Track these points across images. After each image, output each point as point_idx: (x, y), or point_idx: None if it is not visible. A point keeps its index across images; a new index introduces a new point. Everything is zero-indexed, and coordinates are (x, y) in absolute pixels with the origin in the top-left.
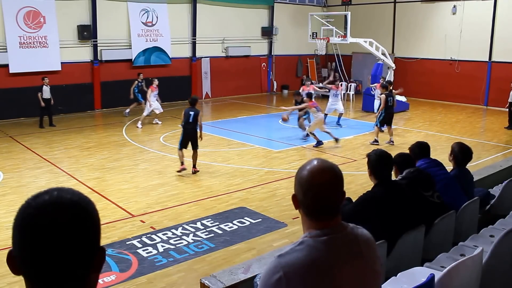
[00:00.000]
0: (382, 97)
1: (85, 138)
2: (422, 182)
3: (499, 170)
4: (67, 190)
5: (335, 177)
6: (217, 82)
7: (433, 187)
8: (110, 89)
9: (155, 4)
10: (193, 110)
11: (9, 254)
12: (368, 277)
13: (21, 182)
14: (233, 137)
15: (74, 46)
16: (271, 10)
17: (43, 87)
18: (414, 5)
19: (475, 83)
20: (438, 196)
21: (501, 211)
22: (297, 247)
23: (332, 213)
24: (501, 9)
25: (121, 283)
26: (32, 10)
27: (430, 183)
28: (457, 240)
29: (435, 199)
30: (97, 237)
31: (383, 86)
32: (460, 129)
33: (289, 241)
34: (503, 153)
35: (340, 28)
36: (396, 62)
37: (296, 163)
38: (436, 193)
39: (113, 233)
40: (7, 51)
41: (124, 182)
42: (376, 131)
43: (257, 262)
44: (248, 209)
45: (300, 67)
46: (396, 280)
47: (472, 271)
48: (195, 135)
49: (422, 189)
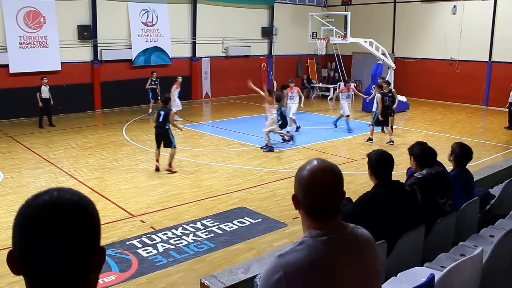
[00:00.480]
0: (378, 96)
1: (85, 138)
2: (440, 188)
3: (499, 170)
4: (67, 190)
5: (335, 177)
6: (217, 82)
7: (449, 195)
8: (110, 89)
9: (155, 4)
10: (164, 109)
11: (9, 254)
12: (368, 277)
13: (21, 182)
14: (233, 137)
15: (74, 46)
16: (271, 10)
17: (42, 87)
18: (414, 5)
19: (475, 83)
20: (450, 205)
21: (501, 211)
22: (297, 247)
23: (332, 213)
24: (501, 9)
25: (121, 283)
26: (32, 10)
27: (447, 190)
28: (457, 240)
29: (446, 208)
30: (97, 237)
31: (378, 85)
32: (460, 129)
33: (289, 241)
34: (503, 153)
35: (340, 28)
36: (396, 62)
37: (296, 163)
38: (449, 201)
39: (113, 233)
40: (7, 51)
41: (124, 182)
42: (371, 130)
43: (257, 262)
44: (248, 209)
45: (300, 67)
46: (396, 280)
47: (472, 271)
48: (165, 134)
49: (437, 195)
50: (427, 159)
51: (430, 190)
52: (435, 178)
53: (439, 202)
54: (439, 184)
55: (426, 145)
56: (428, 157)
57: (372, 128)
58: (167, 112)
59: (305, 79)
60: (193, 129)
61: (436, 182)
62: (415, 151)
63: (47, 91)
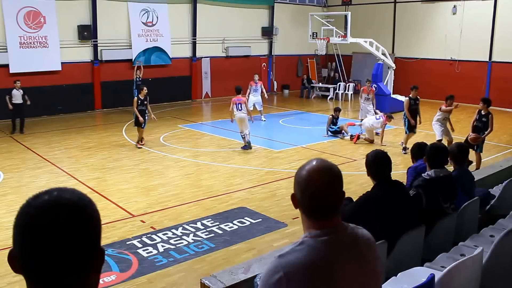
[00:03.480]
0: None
1: (85, 138)
2: (446, 192)
3: (499, 170)
4: (67, 190)
5: (333, 177)
6: (217, 82)
7: (453, 199)
8: (110, 89)
9: (155, 4)
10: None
11: (10, 254)
12: (368, 278)
13: (21, 182)
14: (233, 137)
15: (74, 46)
16: (271, 10)
17: (13, 91)
18: (414, 5)
19: (475, 83)
20: (453, 208)
21: (501, 211)
22: (297, 247)
23: (331, 213)
24: (501, 9)
25: (121, 283)
26: (32, 10)
27: (453, 195)
28: (457, 240)
29: (449, 211)
30: (97, 237)
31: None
32: (460, 129)
33: (289, 241)
34: (503, 153)
35: (340, 28)
36: (396, 62)
37: (297, 163)
38: (453, 205)
39: (113, 233)
40: (7, 51)
41: (124, 182)
42: (406, 138)
43: (257, 262)
44: (248, 209)
45: (300, 67)
46: (396, 280)
47: (472, 271)
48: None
49: (442, 199)
50: (436, 158)
51: (436, 193)
52: (442, 181)
53: (443, 206)
54: (446, 188)
55: (440, 144)
56: (437, 157)
57: (406, 137)
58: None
59: (305, 79)
60: (193, 129)
61: (443, 185)
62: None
63: (20, 95)
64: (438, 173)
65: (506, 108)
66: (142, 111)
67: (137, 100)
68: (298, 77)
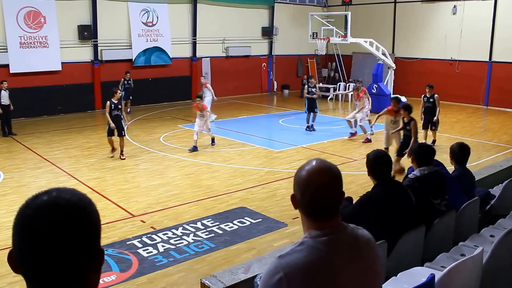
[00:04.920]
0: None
1: (85, 138)
2: (434, 188)
3: (499, 170)
4: (66, 190)
5: (333, 177)
6: (217, 82)
7: (443, 194)
8: (110, 89)
9: (155, 4)
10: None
11: (9, 254)
12: (368, 278)
13: (21, 182)
14: (233, 137)
15: (74, 46)
16: (271, 10)
17: (1, 92)
18: (414, 5)
19: (475, 83)
20: (446, 205)
21: (501, 211)
22: (298, 247)
23: (331, 214)
24: (501, 9)
25: (122, 283)
26: (33, 10)
27: (442, 190)
28: (457, 240)
29: (442, 208)
30: (96, 237)
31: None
32: (460, 129)
33: (289, 241)
34: (503, 153)
35: (340, 28)
36: (396, 62)
37: (297, 163)
38: (444, 201)
39: (114, 233)
40: (8, 51)
41: (125, 182)
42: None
43: (258, 262)
44: (249, 209)
45: (301, 67)
46: (396, 280)
47: (472, 271)
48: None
49: (432, 196)
50: (423, 157)
51: (423, 191)
52: (428, 178)
53: (433, 202)
54: (433, 185)
55: (425, 144)
56: (424, 155)
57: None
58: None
59: (305, 79)
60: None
61: (430, 182)
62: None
63: (7, 96)
64: (423, 171)
65: (506, 108)
66: (116, 117)
67: (110, 104)
68: (298, 77)
